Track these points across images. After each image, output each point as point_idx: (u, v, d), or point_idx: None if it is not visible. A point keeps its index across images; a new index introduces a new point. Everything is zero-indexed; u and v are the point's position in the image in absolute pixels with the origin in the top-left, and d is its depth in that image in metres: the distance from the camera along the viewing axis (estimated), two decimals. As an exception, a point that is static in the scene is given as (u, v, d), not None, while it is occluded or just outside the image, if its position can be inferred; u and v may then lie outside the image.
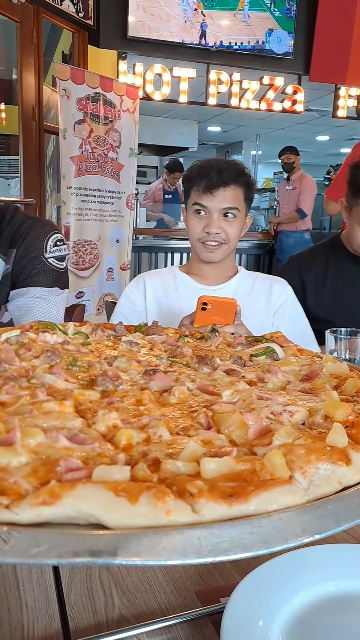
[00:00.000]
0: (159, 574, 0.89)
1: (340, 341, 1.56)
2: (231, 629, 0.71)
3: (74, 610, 0.81)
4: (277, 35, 6.58)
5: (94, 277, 5.53)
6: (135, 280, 2.12)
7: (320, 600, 0.78)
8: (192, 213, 1.97)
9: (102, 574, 0.89)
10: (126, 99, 5.43)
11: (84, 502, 0.48)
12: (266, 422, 0.67)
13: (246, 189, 1.97)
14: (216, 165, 1.94)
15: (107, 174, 5.43)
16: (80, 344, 1.05)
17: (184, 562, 0.44)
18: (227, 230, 1.93)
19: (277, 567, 0.83)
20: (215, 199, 1.90)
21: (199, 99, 6.86)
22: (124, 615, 0.80)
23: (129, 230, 5.80)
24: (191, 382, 0.85)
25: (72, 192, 5.12)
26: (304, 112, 7.41)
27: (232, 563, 0.93)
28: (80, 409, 0.72)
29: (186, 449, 0.58)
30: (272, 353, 1.02)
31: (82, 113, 5.05)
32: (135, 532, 0.46)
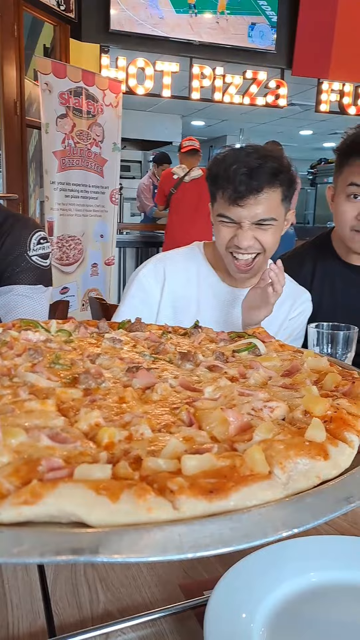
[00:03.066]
0: (143, 569, 0.90)
1: (322, 336, 1.58)
2: (214, 621, 0.72)
3: (59, 607, 0.81)
4: (259, 30, 6.58)
5: (78, 273, 5.51)
6: (152, 265, 1.76)
7: (301, 591, 0.80)
8: (218, 222, 1.65)
9: (87, 570, 0.89)
10: (109, 93, 5.40)
11: (65, 501, 0.48)
12: (247, 418, 0.68)
13: (285, 187, 1.64)
14: (246, 164, 1.56)
15: (91, 168, 5.40)
16: (63, 342, 1.05)
17: (164, 559, 0.45)
18: (262, 240, 1.63)
19: (260, 559, 0.84)
20: (245, 210, 1.58)
21: (182, 93, 6.85)
22: (109, 610, 0.81)
23: (113, 225, 5.78)
24: (174, 378, 0.85)
25: (55, 187, 5.08)
26: (287, 107, 7.43)
27: (216, 556, 0.94)
28: (63, 408, 0.73)
29: (167, 446, 0.59)
30: (254, 349, 1.03)
31: (65, 107, 5.02)
32: (117, 529, 0.47)
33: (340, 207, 1.93)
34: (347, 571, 0.84)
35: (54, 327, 1.11)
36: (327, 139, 12.30)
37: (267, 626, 0.73)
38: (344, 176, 1.91)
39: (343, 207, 1.91)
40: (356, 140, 1.88)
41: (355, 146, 1.87)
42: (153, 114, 10.19)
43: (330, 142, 12.35)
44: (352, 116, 7.49)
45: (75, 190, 5.30)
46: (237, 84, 6.83)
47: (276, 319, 1.77)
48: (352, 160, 1.87)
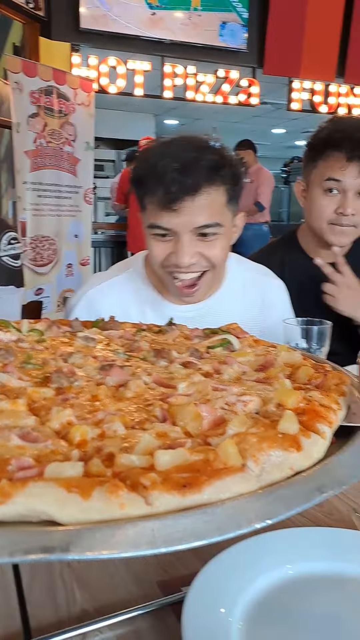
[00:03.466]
0: (120, 567, 0.90)
1: (296, 331, 1.59)
2: (192, 616, 0.72)
3: (34, 609, 0.80)
4: (230, 29, 6.61)
5: (53, 274, 5.45)
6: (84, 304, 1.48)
7: (278, 584, 0.80)
8: (150, 235, 1.36)
9: (63, 571, 0.88)
10: (80, 92, 5.36)
11: (35, 499, 0.47)
12: (220, 412, 0.68)
13: (229, 186, 1.36)
14: (177, 158, 1.26)
15: (64, 168, 5.36)
16: (35, 342, 1.04)
17: (137, 554, 0.45)
18: (207, 254, 1.35)
19: (237, 553, 0.84)
20: (181, 216, 1.28)
21: (154, 92, 6.83)
22: (86, 609, 0.80)
23: (88, 225, 5.74)
24: (147, 375, 0.85)
25: (28, 187, 5.02)
26: (259, 105, 7.48)
27: (193, 552, 0.93)
28: (34, 407, 0.72)
29: (140, 442, 0.59)
30: (229, 344, 1.03)
31: (36, 106, 4.96)
32: (89, 526, 0.46)
33: (317, 201, 1.91)
34: (323, 562, 0.85)
35: (25, 326, 1.09)
36: (299, 137, 12.41)
37: (245, 620, 0.74)
38: (320, 170, 1.90)
39: (320, 201, 1.90)
40: (333, 134, 1.87)
41: (331, 140, 1.86)
42: (126, 113, 10.15)
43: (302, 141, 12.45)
44: (323, 114, 7.57)
45: (49, 190, 5.25)
46: (210, 83, 6.85)
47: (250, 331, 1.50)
48: (328, 154, 1.86)
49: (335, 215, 1.89)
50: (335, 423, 0.66)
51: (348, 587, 0.83)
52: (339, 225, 1.90)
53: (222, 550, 0.86)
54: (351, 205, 1.84)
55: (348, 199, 1.84)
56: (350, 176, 1.83)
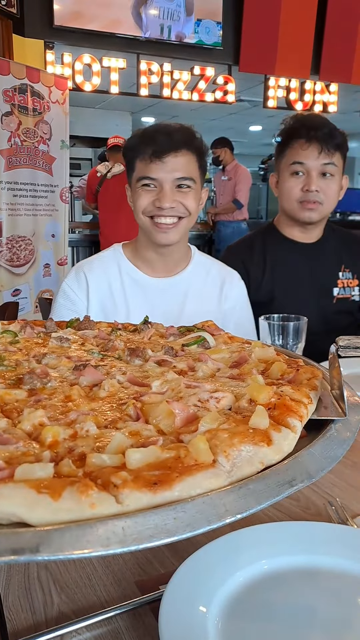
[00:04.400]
0: (98, 568, 0.90)
1: (273, 327, 1.60)
2: (169, 614, 0.72)
3: (11, 612, 0.80)
4: (205, 26, 6.61)
5: (30, 274, 5.40)
6: (74, 273, 1.78)
7: (254, 579, 0.81)
8: (138, 188, 1.65)
9: (40, 573, 0.88)
10: (55, 90, 5.31)
11: (4, 501, 0.47)
12: (193, 409, 0.68)
13: (199, 156, 1.70)
14: (164, 128, 1.65)
15: (39, 167, 5.31)
16: (7, 343, 1.03)
17: (108, 553, 0.45)
18: (184, 203, 1.65)
19: (214, 550, 0.85)
20: (166, 166, 1.61)
21: (130, 89, 6.81)
22: (63, 611, 0.80)
23: (65, 224, 5.70)
24: (122, 375, 0.85)
25: (3, 187, 4.97)
26: (235, 103, 7.50)
27: (170, 551, 0.94)
28: (6, 409, 0.71)
29: (112, 441, 0.58)
30: (204, 342, 1.03)
31: (9, 105, 4.90)
32: (58, 527, 0.46)
33: (286, 184, 2.10)
34: (298, 556, 0.86)
35: (-2, 328, 1.08)
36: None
37: (222, 616, 0.74)
38: (287, 158, 2.09)
39: (288, 183, 2.09)
40: (295, 124, 2.08)
41: (294, 130, 2.06)
42: (102, 110, 10.10)
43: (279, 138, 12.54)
44: (299, 111, 7.64)
45: (24, 189, 5.20)
46: (186, 80, 6.85)
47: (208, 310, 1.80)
48: (293, 142, 2.06)
49: (302, 192, 2.07)
50: (305, 417, 0.67)
51: (323, 578, 0.84)
52: (306, 202, 2.07)
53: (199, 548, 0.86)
54: (315, 183, 2.03)
55: (312, 177, 2.03)
56: (312, 157, 2.01)
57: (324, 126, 2.01)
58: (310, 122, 2.03)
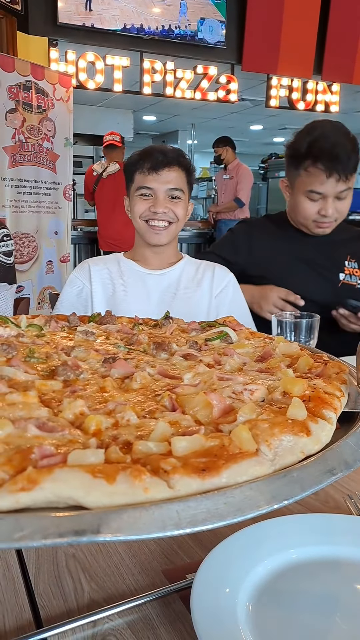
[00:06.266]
0: (125, 557, 0.91)
1: (286, 325, 1.62)
2: (200, 599, 0.74)
3: (43, 599, 0.81)
4: (209, 25, 6.62)
5: (33, 271, 5.41)
6: (79, 266, 2.08)
7: (283, 567, 0.83)
8: (137, 197, 1.95)
9: (68, 562, 0.90)
10: (59, 87, 5.32)
11: (62, 485, 0.49)
12: (229, 401, 0.69)
13: (187, 173, 1.99)
14: (158, 147, 1.99)
15: (43, 164, 5.31)
16: (34, 336, 1.04)
17: (165, 535, 0.46)
18: (174, 210, 1.93)
19: (240, 540, 0.87)
20: (161, 178, 1.89)
21: (133, 87, 6.81)
22: (94, 599, 0.82)
23: (68, 221, 5.71)
24: (151, 367, 0.86)
25: (7, 184, 4.97)
26: (237, 102, 7.52)
27: (195, 541, 0.96)
28: (45, 399, 0.73)
29: (156, 429, 0.60)
30: (226, 337, 1.05)
31: (14, 102, 4.91)
32: (115, 509, 0.48)
33: (301, 204, 2.10)
34: (324, 546, 0.88)
35: (24, 322, 1.10)
36: (277, 133, 12.52)
37: (251, 601, 0.76)
38: (302, 180, 2.06)
39: (304, 204, 2.09)
40: (312, 147, 2.01)
41: (311, 154, 2.01)
42: (104, 108, 10.10)
43: (280, 137, 12.58)
44: (301, 111, 7.66)
45: (28, 186, 5.20)
46: (188, 79, 6.86)
47: (200, 300, 2.00)
48: (308, 165, 2.02)
49: (318, 215, 2.09)
50: (339, 409, 0.69)
51: (345, 569, 0.86)
52: (322, 222, 2.11)
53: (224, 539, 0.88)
54: (331, 207, 2.05)
55: (328, 203, 2.05)
56: (330, 187, 2.01)
57: (344, 152, 1.96)
58: (331, 151, 1.96)
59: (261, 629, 0.72)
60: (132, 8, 6.34)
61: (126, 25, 6.34)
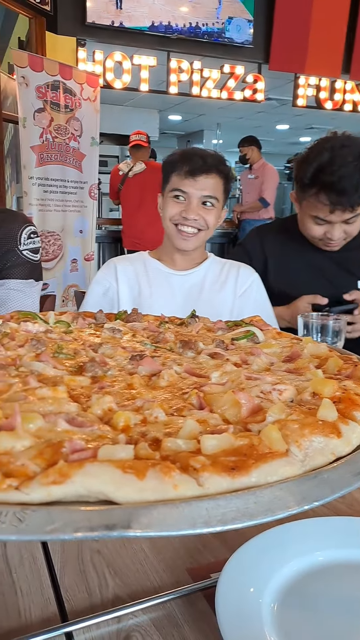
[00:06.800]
0: (150, 555, 0.91)
1: (312, 326, 1.60)
2: (225, 599, 0.74)
3: (68, 593, 0.82)
4: (236, 24, 6.60)
5: (58, 269, 5.47)
6: (105, 265, 2.08)
7: (309, 569, 0.82)
8: (170, 198, 1.92)
9: (93, 557, 0.90)
10: (86, 87, 5.36)
11: (93, 479, 0.49)
12: (257, 400, 0.69)
13: (225, 181, 1.94)
14: (200, 151, 1.93)
15: (69, 163, 5.36)
16: (62, 333, 1.05)
17: (194, 532, 0.46)
18: (206, 218, 1.89)
19: (265, 540, 0.86)
20: (197, 184, 1.86)
21: (160, 87, 6.83)
22: (119, 594, 0.82)
23: (92, 220, 5.74)
24: (178, 365, 0.86)
25: (34, 183, 5.03)
26: (264, 101, 7.47)
27: (220, 540, 0.95)
28: (73, 395, 0.73)
29: (185, 427, 0.60)
30: (253, 336, 1.04)
31: (42, 101, 4.96)
32: (145, 505, 0.48)
33: (308, 224, 2.05)
34: (350, 550, 0.87)
35: (52, 318, 1.11)
36: (303, 133, 12.40)
37: (276, 602, 0.75)
38: (309, 204, 1.99)
39: (310, 225, 2.04)
40: (318, 176, 1.90)
41: (315, 182, 1.91)
42: (130, 108, 10.14)
43: (306, 137, 12.46)
44: (328, 111, 7.58)
45: (54, 185, 5.25)
46: (215, 79, 6.85)
47: (224, 299, 1.98)
48: (314, 192, 1.93)
49: (324, 236, 2.04)
50: (370, 411, 0.67)
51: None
52: (328, 242, 2.05)
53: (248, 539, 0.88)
54: (338, 231, 2.00)
55: (335, 228, 1.99)
56: (336, 217, 1.94)
57: (351, 185, 1.85)
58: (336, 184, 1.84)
59: (286, 631, 0.71)
60: (160, 6, 6.35)
61: (154, 22, 6.35)
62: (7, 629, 0.74)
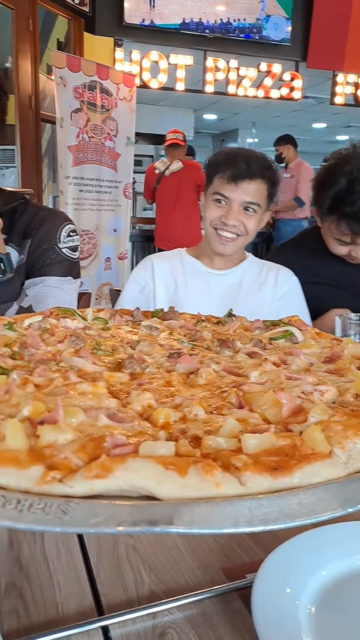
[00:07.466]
0: (184, 552, 0.91)
1: (350, 326, 1.58)
2: (261, 601, 0.73)
3: (104, 587, 0.83)
4: (274, 22, 6.54)
5: (92, 267, 5.53)
6: (142, 262, 2.06)
7: (347, 574, 0.80)
8: (211, 201, 1.87)
9: (129, 553, 0.91)
10: (123, 87, 5.40)
11: (135, 474, 0.49)
12: (298, 401, 0.68)
13: (270, 185, 1.89)
14: (245, 154, 1.86)
15: (105, 163, 5.41)
16: (100, 329, 1.06)
17: (236, 531, 0.46)
18: (246, 224, 1.85)
19: (302, 543, 0.85)
20: (239, 190, 1.81)
21: (195, 86, 6.83)
22: (154, 591, 0.82)
23: (127, 219, 5.79)
24: (216, 364, 0.86)
25: (70, 182, 5.10)
26: (301, 99, 7.39)
27: (255, 541, 0.95)
28: (112, 390, 0.74)
29: (225, 425, 0.60)
30: (291, 336, 1.03)
31: (79, 101, 5.02)
32: (187, 502, 0.48)
33: (331, 244, 2.01)
34: (389, 555, 0.85)
35: (90, 315, 1.12)
36: (341, 131, 12.20)
37: (313, 605, 0.74)
38: (331, 224, 1.95)
39: (333, 245, 2.00)
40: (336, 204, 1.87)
41: (334, 210, 1.88)
42: (165, 107, 10.16)
43: (343, 135, 12.25)
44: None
45: (89, 184, 5.31)
46: (252, 77, 6.81)
47: (262, 301, 1.94)
48: (334, 219, 1.90)
49: (347, 254, 1.99)
50: None
51: None
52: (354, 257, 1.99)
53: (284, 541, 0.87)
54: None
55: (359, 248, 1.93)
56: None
57: None
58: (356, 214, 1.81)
59: (322, 635, 0.70)
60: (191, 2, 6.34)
61: (185, 19, 6.34)
62: (45, 620, 0.75)
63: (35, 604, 0.79)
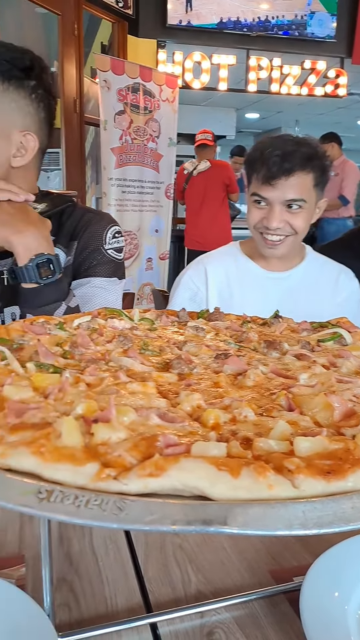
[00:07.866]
0: (231, 554, 0.92)
1: None
2: (310, 603, 0.72)
3: (152, 585, 0.84)
4: (318, 18, 6.44)
5: (134, 267, 5.58)
6: (194, 267, 1.91)
7: None
8: (251, 203, 1.76)
9: (176, 552, 0.92)
10: (165, 88, 5.43)
11: (188, 474, 0.50)
12: (350, 404, 0.67)
13: (318, 174, 1.72)
14: (281, 147, 1.67)
15: (147, 164, 5.45)
16: (147, 330, 1.07)
17: (290, 533, 0.46)
18: (292, 223, 1.71)
19: (351, 547, 0.84)
20: (276, 190, 1.67)
21: (238, 85, 6.80)
22: (201, 590, 0.83)
23: (168, 220, 5.82)
24: (264, 366, 0.86)
25: (113, 184, 5.16)
26: (346, 96, 7.25)
27: (303, 545, 0.94)
28: (161, 390, 0.74)
29: (276, 427, 0.60)
30: (340, 338, 1.01)
31: (122, 104, 5.08)
32: (241, 503, 0.48)
33: None
34: None
35: (137, 315, 1.14)
36: (386, 128, 11.90)
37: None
38: None
39: None
40: None
41: None
42: (207, 107, 10.16)
43: (389, 132, 11.94)
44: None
45: (132, 185, 5.37)
46: (295, 75, 6.73)
47: (321, 306, 1.79)
48: None
49: None
50: None
51: None
52: None
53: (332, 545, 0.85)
54: None
55: None
56: None
57: None
58: None
59: (374, 643, 0.69)
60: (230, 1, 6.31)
61: (222, 19, 6.32)
62: (95, 614, 0.77)
63: (86, 598, 0.80)
